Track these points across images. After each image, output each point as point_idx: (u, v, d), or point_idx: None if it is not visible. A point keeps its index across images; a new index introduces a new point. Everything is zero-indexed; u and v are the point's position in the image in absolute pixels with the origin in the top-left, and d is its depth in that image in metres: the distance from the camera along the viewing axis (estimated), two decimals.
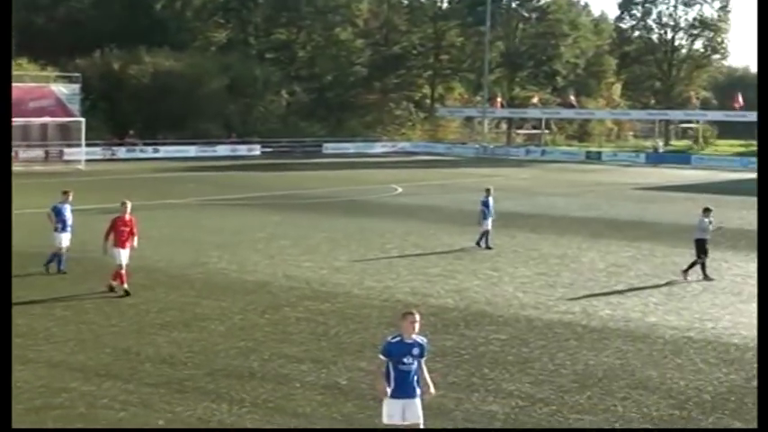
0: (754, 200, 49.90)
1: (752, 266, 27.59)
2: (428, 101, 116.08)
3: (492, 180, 62.48)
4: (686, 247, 31.37)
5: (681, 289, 24.07)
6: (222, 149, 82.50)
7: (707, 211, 26.59)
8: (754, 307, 21.71)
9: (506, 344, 17.95)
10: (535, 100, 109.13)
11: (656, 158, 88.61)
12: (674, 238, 34.04)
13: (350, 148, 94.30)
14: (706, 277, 25.46)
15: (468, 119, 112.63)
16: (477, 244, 30.44)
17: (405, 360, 10.79)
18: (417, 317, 10.90)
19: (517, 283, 24.42)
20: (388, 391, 10.90)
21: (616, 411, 13.95)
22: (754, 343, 18.25)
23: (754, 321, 20.12)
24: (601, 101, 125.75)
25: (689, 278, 25.41)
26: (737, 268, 27.48)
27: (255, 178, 60.11)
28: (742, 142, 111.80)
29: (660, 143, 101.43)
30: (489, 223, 30.60)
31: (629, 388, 15.16)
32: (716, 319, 20.48)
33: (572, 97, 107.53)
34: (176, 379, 15.00)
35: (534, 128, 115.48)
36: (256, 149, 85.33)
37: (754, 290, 23.84)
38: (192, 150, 79.72)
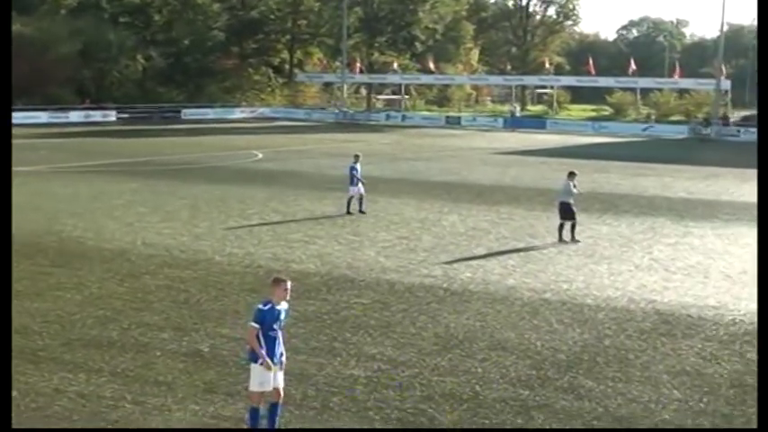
0: (606, 163, 51.46)
1: (604, 229, 28.63)
2: (287, 66, 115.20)
3: (353, 146, 62.58)
4: (543, 210, 32.33)
5: (538, 252, 24.71)
6: (75, 116, 79.94)
7: (572, 174, 27.24)
8: (605, 268, 22.55)
9: (368, 308, 18.08)
10: (395, 65, 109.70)
11: (513, 123, 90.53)
12: (532, 201, 34.92)
13: (209, 113, 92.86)
14: (573, 239, 26.11)
15: (328, 84, 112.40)
16: (347, 209, 30.57)
17: (274, 326, 10.85)
18: (290, 284, 10.98)
19: (378, 248, 24.59)
20: (252, 357, 10.88)
21: (476, 372, 14.25)
22: (605, 303, 18.96)
23: (606, 282, 20.94)
24: (459, 66, 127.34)
25: (566, 239, 26.04)
26: (590, 230, 28.36)
27: (111, 145, 58.51)
28: (593, 107, 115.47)
29: (517, 108, 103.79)
30: (361, 188, 30.75)
31: (489, 349, 15.50)
32: (570, 280, 21.12)
33: (431, 63, 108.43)
34: (30, 349, 14.54)
35: (394, 93, 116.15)
36: (112, 115, 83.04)
37: (606, 251, 24.78)
38: (43, 117, 76.99)
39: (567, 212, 26.47)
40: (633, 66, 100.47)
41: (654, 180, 43.52)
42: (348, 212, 30.34)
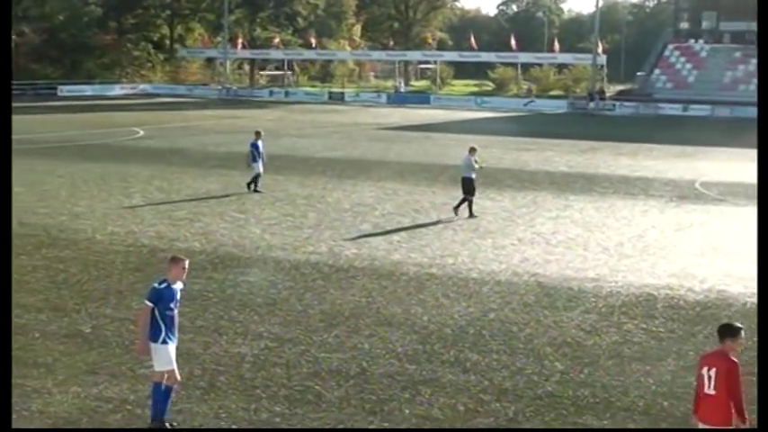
0: (489, 138, 52.17)
1: (487, 203, 29.06)
2: (168, 42, 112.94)
3: (237, 122, 61.97)
4: (428, 185, 32.64)
5: (423, 227, 24.95)
6: None
7: (473, 150, 27.53)
8: (489, 242, 22.92)
9: (254, 286, 17.98)
10: (276, 41, 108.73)
11: (397, 99, 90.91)
12: (416, 176, 35.21)
13: (87, 90, 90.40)
14: (471, 215, 26.41)
15: (210, 60, 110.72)
16: (248, 186, 30.28)
17: (171, 305, 10.78)
18: (188, 262, 10.97)
19: (264, 225, 24.46)
20: (152, 337, 10.78)
21: (363, 348, 14.33)
22: (490, 277, 19.29)
23: (491, 256, 21.29)
24: (342, 42, 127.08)
25: (458, 214, 26.31)
26: (474, 205, 28.73)
27: None
28: (476, 82, 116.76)
29: (402, 83, 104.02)
30: (260, 166, 30.51)
31: (375, 325, 15.60)
32: (455, 254, 21.40)
33: (312, 39, 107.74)
34: None
35: (277, 69, 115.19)
36: None
37: (490, 226, 25.18)
38: None
39: (469, 187, 26.72)
40: (514, 41, 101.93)
41: (535, 154, 44.38)
42: (256, 190, 30.09)
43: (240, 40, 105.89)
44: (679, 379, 13.29)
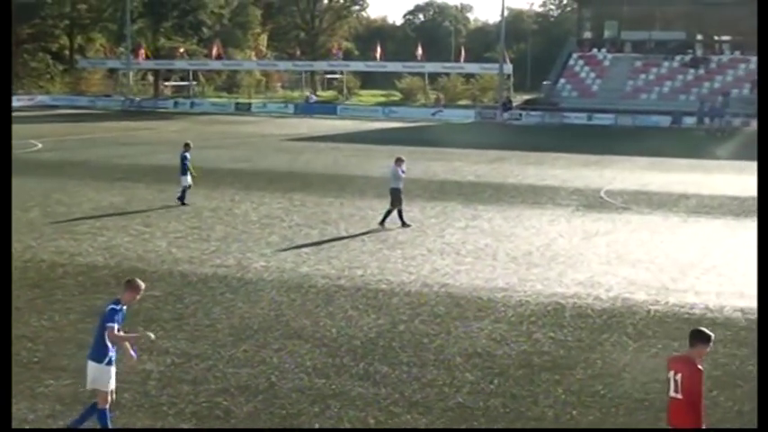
0: (397, 148, 52.41)
1: (394, 214, 29.18)
2: (67, 52, 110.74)
3: (141, 134, 61.12)
4: (336, 196, 32.65)
5: (332, 238, 24.94)
6: None
7: (399, 160, 27.73)
8: (399, 253, 23.02)
9: (160, 300, 17.73)
10: (181, 51, 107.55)
11: (304, 109, 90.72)
12: (325, 187, 35.19)
13: None
14: (404, 224, 26.65)
15: (113, 71, 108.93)
16: (180, 200, 30.06)
17: (119, 327, 10.96)
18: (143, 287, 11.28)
19: (170, 238, 24.15)
20: (97, 357, 10.94)
21: (271, 363, 14.24)
22: (399, 288, 19.36)
23: (400, 267, 21.38)
24: (248, 52, 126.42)
25: (386, 226, 26.54)
26: (382, 216, 28.86)
27: None
28: (384, 92, 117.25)
29: (313, 94, 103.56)
30: (189, 179, 30.27)
31: (284, 338, 15.52)
32: (364, 266, 21.44)
33: (215, 48, 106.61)
34: None
35: (182, 79, 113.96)
36: None
37: (399, 237, 25.30)
38: None
39: (397, 198, 26.95)
40: (420, 51, 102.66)
41: (444, 164, 44.76)
42: (183, 203, 29.91)
43: (143, 51, 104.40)
44: (588, 387, 13.52)
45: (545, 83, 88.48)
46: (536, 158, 48.27)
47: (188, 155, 30.63)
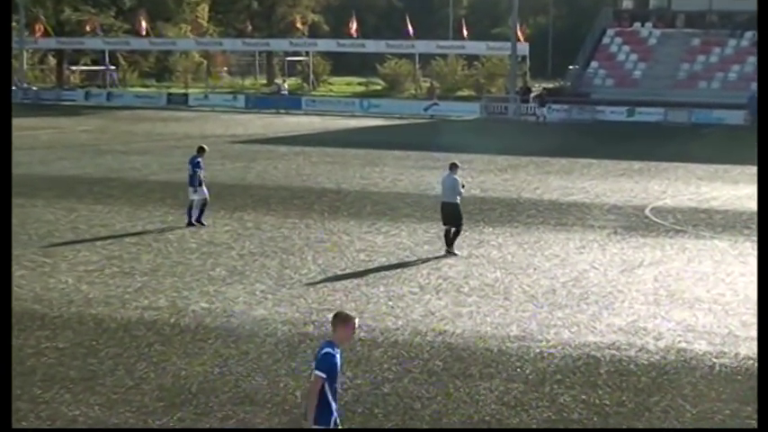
0: (379, 153, 52.46)
1: (379, 239, 29.20)
2: None
3: (39, 135, 60.94)
4: (301, 217, 32.63)
5: (295, 272, 24.90)
6: None
7: (455, 167, 28.14)
8: (382, 290, 23.01)
9: (66, 354, 17.65)
10: (93, 26, 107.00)
11: (259, 102, 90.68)
12: (286, 205, 35.18)
13: None
14: (450, 250, 27.22)
15: None
16: (198, 221, 30.92)
17: (337, 377, 11.05)
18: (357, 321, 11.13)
19: (80, 272, 24.07)
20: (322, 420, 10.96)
21: None
22: (383, 337, 19.34)
23: (384, 309, 21.37)
24: (184, 27, 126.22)
25: (458, 252, 27.07)
26: (361, 242, 28.84)
27: None
28: (362, 79, 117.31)
29: (284, 83, 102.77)
30: (206, 191, 30.97)
31: (233, 403, 15.47)
32: (338, 308, 21.37)
33: (143, 22, 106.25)
34: None
35: (95, 63, 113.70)
36: None
37: (383, 269, 25.29)
38: None
39: (452, 216, 27.42)
40: (410, 26, 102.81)
41: (440, 174, 44.64)
42: (198, 222, 30.85)
43: (41, 25, 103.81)
44: None
45: (572, 68, 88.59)
46: (560, 166, 48.41)
47: (201, 161, 31.31)
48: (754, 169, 47.70)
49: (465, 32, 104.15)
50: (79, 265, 24.91)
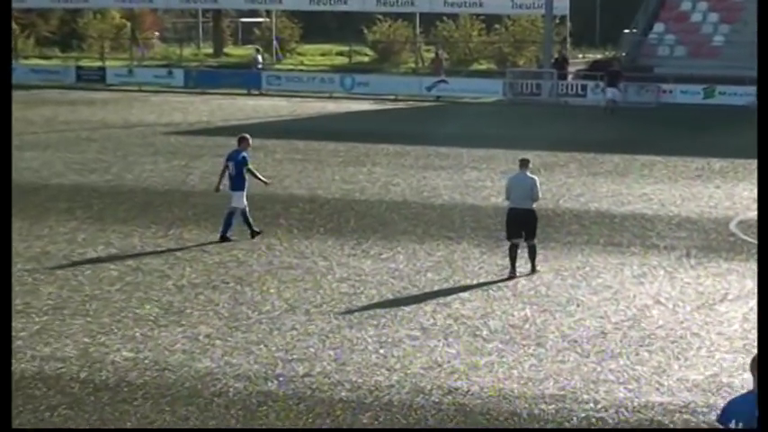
0: (368, 148, 52.49)
1: (366, 264, 29.22)
2: None
3: None
4: (261, 237, 32.56)
5: (253, 309, 24.88)
6: None
7: (525, 163, 28.95)
8: (372, 333, 23.00)
9: None
10: None
11: (204, 78, 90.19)
12: (239, 219, 35.19)
13: None
14: (513, 272, 28.11)
15: None
16: (224, 236, 31.89)
17: None
18: None
19: None
20: None
21: None
22: (373, 396, 19.33)
23: (374, 358, 21.37)
24: None
25: (518, 272, 27.94)
26: (342, 268, 28.84)
27: None
28: (342, 48, 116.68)
29: (258, 56, 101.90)
30: (244, 197, 32.19)
31: None
32: (311, 357, 21.39)
33: None
34: None
35: None
36: None
37: (373, 303, 25.31)
38: None
39: (525, 225, 28.29)
40: None
41: (450, 175, 44.75)
42: (225, 238, 32.01)
43: None
44: None
45: (627, 32, 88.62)
46: (613, 165, 48.44)
47: (247, 156, 32.56)
48: None
49: None
50: None
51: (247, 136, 33.37)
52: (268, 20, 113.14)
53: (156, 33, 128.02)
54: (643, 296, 26.71)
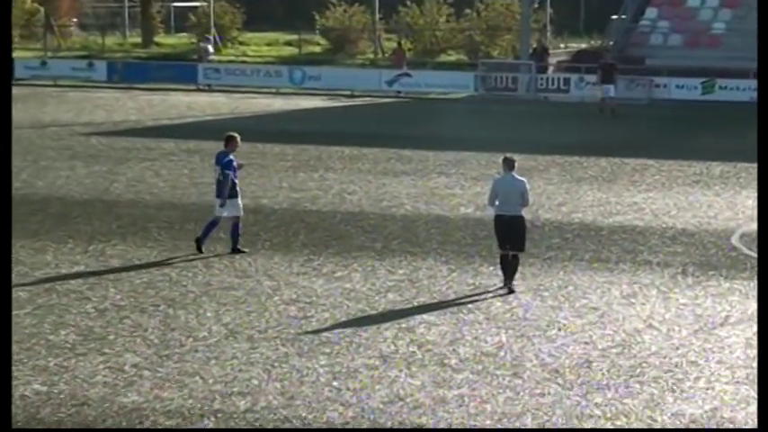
0: (321, 151, 52.54)
1: (318, 284, 29.20)
2: None
3: None
4: (193, 249, 32.53)
5: (187, 336, 24.87)
6: None
7: (509, 162, 29.14)
8: (324, 363, 23.02)
9: None
10: None
11: (130, 72, 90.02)
12: (174, 232, 35.23)
13: None
14: (508, 285, 28.77)
15: None
16: (235, 249, 32.40)
17: None
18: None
19: None
20: None
21: None
22: None
23: (326, 392, 21.36)
24: None
25: (515, 287, 28.46)
26: (290, 288, 28.85)
27: None
28: (290, 36, 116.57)
29: (210, 46, 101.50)
30: (240, 203, 32.58)
31: None
32: (255, 391, 21.38)
33: None
34: None
35: None
36: None
37: (321, 332, 25.31)
38: None
39: (513, 233, 28.59)
40: None
41: (413, 182, 44.80)
42: (237, 250, 32.55)
43: None
44: None
45: (615, 18, 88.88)
46: (599, 170, 48.59)
47: (233, 159, 32.59)
48: None
49: None
50: None
51: (235, 135, 33.35)
52: (205, 4, 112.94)
53: (74, 20, 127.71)
54: (633, 319, 26.77)
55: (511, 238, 28.73)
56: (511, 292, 28.52)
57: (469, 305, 27.69)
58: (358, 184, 44.01)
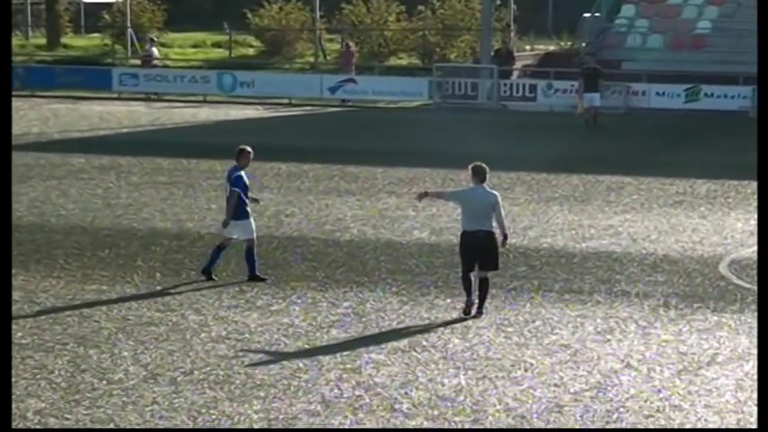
0: (259, 167, 52.70)
1: (251, 319, 29.20)
2: None
3: None
4: (108, 280, 32.49)
5: (100, 378, 24.83)
6: None
7: (480, 172, 29.72)
8: (259, 409, 22.97)
9: None
10: None
11: (38, 78, 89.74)
12: (85, 260, 35.17)
13: None
14: (478, 311, 29.10)
15: None
16: (252, 275, 32.91)
17: None
18: None
19: None
20: None
21: None
22: None
23: None
24: None
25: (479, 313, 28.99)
26: (219, 324, 28.84)
27: None
28: (219, 37, 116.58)
29: (154, 49, 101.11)
30: (252, 224, 32.83)
31: None
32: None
33: None
34: None
35: None
36: None
37: (255, 374, 25.29)
38: None
39: (483, 252, 29.06)
40: None
41: (359, 203, 44.86)
42: (255, 277, 32.90)
43: None
44: None
45: (588, 16, 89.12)
46: (571, 189, 48.74)
47: (244, 176, 32.91)
48: None
49: None
50: None
51: (247, 149, 33.52)
52: (121, 0, 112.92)
53: None
54: (609, 358, 26.86)
55: (481, 257, 29.03)
56: (480, 314, 29.03)
57: (424, 342, 27.71)
58: (297, 206, 44.07)
